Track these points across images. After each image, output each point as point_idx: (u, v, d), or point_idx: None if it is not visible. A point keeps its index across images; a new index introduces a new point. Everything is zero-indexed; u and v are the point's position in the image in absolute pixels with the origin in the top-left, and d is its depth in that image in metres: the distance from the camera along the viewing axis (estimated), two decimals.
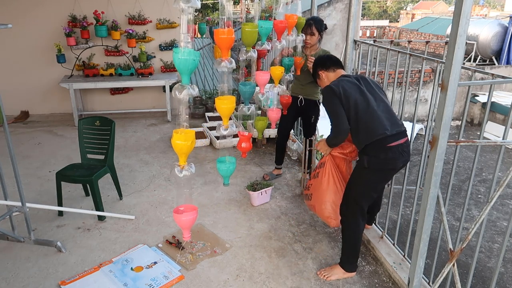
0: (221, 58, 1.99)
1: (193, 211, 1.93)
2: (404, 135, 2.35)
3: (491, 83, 1.89)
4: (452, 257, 1.86)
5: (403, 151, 2.33)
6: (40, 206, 3.22)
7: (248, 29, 2.20)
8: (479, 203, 4.85)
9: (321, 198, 2.72)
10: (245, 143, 2.60)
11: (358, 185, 2.48)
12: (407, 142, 2.37)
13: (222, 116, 2.07)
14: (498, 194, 1.71)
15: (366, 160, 2.35)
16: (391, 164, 2.34)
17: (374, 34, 19.05)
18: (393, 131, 2.30)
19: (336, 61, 2.67)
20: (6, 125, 2.62)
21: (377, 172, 2.40)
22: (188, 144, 1.74)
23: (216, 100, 2.03)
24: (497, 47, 10.70)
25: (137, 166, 4.35)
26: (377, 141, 2.30)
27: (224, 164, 2.27)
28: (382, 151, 2.30)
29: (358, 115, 2.36)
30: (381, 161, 2.32)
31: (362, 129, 2.36)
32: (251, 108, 2.42)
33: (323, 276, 2.61)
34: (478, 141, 1.75)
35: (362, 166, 2.41)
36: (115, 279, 2.58)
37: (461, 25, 1.43)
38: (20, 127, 5.62)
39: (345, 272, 2.60)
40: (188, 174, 1.80)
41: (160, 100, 6.27)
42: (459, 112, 8.83)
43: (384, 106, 2.39)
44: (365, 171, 2.41)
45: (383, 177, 2.45)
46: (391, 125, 2.32)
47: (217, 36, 1.97)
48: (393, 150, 2.29)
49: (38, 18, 5.61)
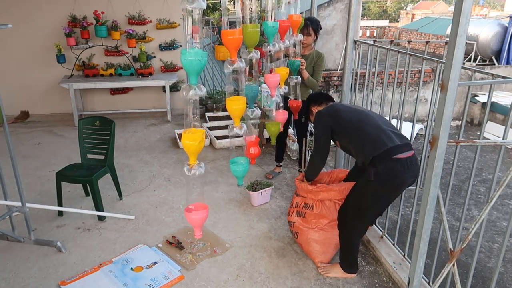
0: (230, 59, 1.98)
1: (204, 210, 1.94)
2: (410, 148, 2.26)
3: (491, 83, 1.89)
4: (452, 257, 1.86)
5: (412, 164, 2.21)
6: (40, 206, 3.22)
7: (250, 30, 2.19)
8: (479, 203, 4.85)
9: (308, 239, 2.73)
10: (254, 149, 2.45)
11: (366, 199, 2.36)
12: (415, 156, 2.26)
13: (233, 117, 2.05)
14: (498, 194, 1.71)
15: (373, 172, 2.22)
16: (399, 177, 2.21)
17: (374, 34, 19.05)
18: (400, 142, 2.23)
19: (327, 97, 2.76)
20: (6, 125, 2.62)
21: (385, 185, 2.26)
22: (196, 144, 1.75)
23: (226, 101, 2.03)
24: (497, 47, 10.69)
25: (137, 166, 4.35)
26: (385, 152, 2.20)
27: (237, 165, 2.24)
28: (390, 161, 2.19)
29: (361, 129, 2.31)
30: (389, 172, 2.20)
31: (368, 142, 2.27)
32: (255, 112, 2.38)
33: (322, 271, 2.63)
34: (478, 141, 1.75)
35: (368, 179, 2.26)
36: (115, 279, 2.58)
37: (461, 25, 1.43)
38: (20, 127, 5.62)
39: (344, 273, 2.60)
40: (196, 173, 1.80)
41: (160, 100, 6.27)
42: (459, 112, 8.83)
43: (385, 121, 2.40)
44: (371, 184, 2.27)
45: (391, 190, 2.32)
46: (397, 137, 2.26)
47: (225, 37, 1.96)
48: (402, 162, 2.18)
49: (38, 18, 5.61)
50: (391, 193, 2.35)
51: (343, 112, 2.43)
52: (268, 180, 3.94)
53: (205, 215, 1.94)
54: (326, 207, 2.68)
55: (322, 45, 8.57)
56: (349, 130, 2.39)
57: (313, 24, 3.41)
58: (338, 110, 2.45)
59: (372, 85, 3.03)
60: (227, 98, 2.05)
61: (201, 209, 1.94)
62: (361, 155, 2.34)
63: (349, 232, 2.50)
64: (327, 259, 2.72)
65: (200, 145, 1.76)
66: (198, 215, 1.91)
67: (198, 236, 1.97)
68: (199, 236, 1.96)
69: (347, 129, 2.40)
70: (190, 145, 1.76)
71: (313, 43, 3.54)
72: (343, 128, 2.42)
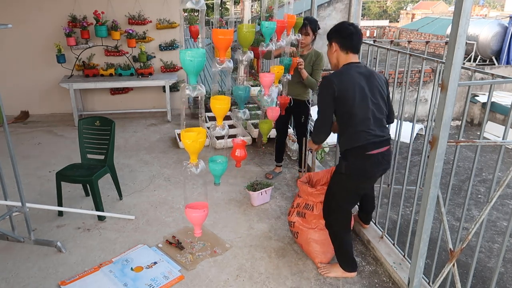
0: (219, 59, 1.98)
1: (204, 208, 1.94)
2: (387, 143, 2.31)
3: (491, 83, 1.89)
4: (452, 257, 1.86)
5: (383, 159, 2.30)
6: (40, 206, 3.22)
7: (245, 30, 2.19)
8: (479, 203, 4.85)
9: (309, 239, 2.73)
10: (240, 151, 2.47)
11: (339, 190, 2.48)
12: (388, 151, 2.33)
13: (216, 116, 2.05)
14: (498, 194, 1.71)
15: (345, 165, 2.34)
16: (368, 173, 2.33)
17: (374, 34, 19.04)
18: (376, 139, 2.25)
19: (355, 44, 2.38)
20: (6, 125, 2.62)
21: (355, 178, 2.37)
22: (189, 142, 1.76)
23: (211, 99, 1.99)
24: (497, 47, 10.70)
25: (137, 166, 4.35)
26: (359, 147, 2.26)
27: (216, 164, 2.20)
28: (361, 158, 2.27)
29: (348, 118, 2.28)
30: (358, 169, 2.31)
31: (348, 133, 2.31)
32: (247, 113, 2.37)
33: (322, 271, 2.63)
34: (478, 141, 1.75)
35: (340, 171, 2.40)
36: (115, 279, 2.58)
37: (461, 25, 1.43)
38: (20, 127, 5.62)
39: (344, 272, 2.61)
40: (196, 172, 1.81)
41: (160, 100, 6.27)
42: (459, 112, 8.83)
43: (377, 111, 2.29)
44: (343, 177, 2.39)
45: (361, 183, 2.44)
46: (379, 130, 2.27)
47: (215, 36, 1.96)
48: (373, 159, 2.26)
49: (38, 18, 5.61)
50: (361, 185, 2.46)
51: (345, 90, 2.27)
52: (268, 180, 3.95)
53: (205, 213, 1.95)
54: None
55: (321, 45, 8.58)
56: (342, 108, 2.31)
57: (312, 24, 3.41)
58: (342, 87, 2.27)
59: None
60: (212, 97, 2.02)
61: (202, 207, 1.95)
62: (339, 139, 2.46)
63: (333, 227, 2.55)
64: (327, 259, 2.72)
65: (197, 144, 1.78)
66: (198, 213, 1.92)
67: (198, 234, 1.97)
68: (199, 234, 1.97)
69: (340, 107, 2.31)
70: (188, 145, 1.77)
71: (311, 43, 3.54)
72: (338, 105, 2.32)
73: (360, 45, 2.44)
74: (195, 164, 1.83)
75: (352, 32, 2.35)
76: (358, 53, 2.44)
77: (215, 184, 2.28)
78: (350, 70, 2.33)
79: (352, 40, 2.36)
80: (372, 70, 2.41)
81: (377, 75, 2.38)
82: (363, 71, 2.34)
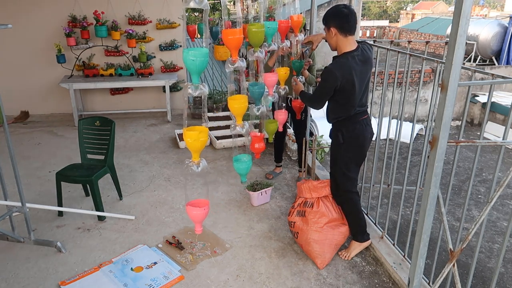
0: (231, 59, 2.00)
1: (205, 206, 1.95)
2: (366, 112, 2.65)
3: (491, 83, 1.89)
4: (452, 257, 1.86)
5: (367, 124, 2.63)
6: (40, 206, 3.22)
7: (254, 30, 2.20)
8: (479, 203, 4.85)
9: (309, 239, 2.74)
10: (258, 144, 2.65)
11: (342, 159, 2.68)
12: (368, 117, 2.67)
13: (235, 115, 2.10)
14: (498, 194, 1.70)
15: (341, 135, 2.61)
16: (361, 136, 2.62)
17: (374, 34, 19.03)
18: (361, 109, 2.59)
19: (352, 25, 2.43)
20: (6, 125, 2.62)
21: (353, 146, 2.63)
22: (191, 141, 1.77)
23: (228, 99, 2.05)
24: (497, 47, 10.69)
25: (137, 166, 4.35)
26: (350, 116, 2.57)
27: (240, 163, 2.34)
28: (351, 124, 2.58)
29: (345, 102, 2.52)
30: (351, 134, 2.59)
31: (342, 106, 2.56)
32: (261, 109, 2.41)
33: (344, 257, 2.79)
34: (478, 141, 1.74)
35: (338, 143, 2.64)
36: (115, 279, 2.58)
37: (461, 25, 1.43)
38: (20, 127, 5.62)
39: (360, 244, 2.80)
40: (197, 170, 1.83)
41: (160, 100, 6.27)
42: (459, 112, 8.83)
43: (364, 92, 2.56)
44: (343, 147, 2.63)
45: (360, 147, 2.67)
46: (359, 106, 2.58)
47: (225, 37, 1.97)
48: (360, 123, 2.59)
49: (38, 18, 5.61)
50: (361, 149, 2.69)
51: (347, 81, 2.41)
52: (268, 180, 3.95)
53: (206, 211, 1.95)
54: (325, 205, 2.79)
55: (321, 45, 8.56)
56: (340, 94, 2.48)
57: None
58: (346, 79, 2.40)
59: (372, 85, 3.03)
60: (229, 97, 2.06)
61: (202, 204, 1.95)
62: (330, 112, 2.67)
63: (345, 193, 2.73)
64: (327, 260, 2.72)
65: (197, 142, 1.79)
66: (199, 210, 1.93)
67: (199, 232, 1.98)
68: (199, 231, 1.98)
69: (340, 99, 2.52)
70: (189, 144, 1.77)
71: None
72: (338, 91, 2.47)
73: (356, 24, 2.52)
74: (197, 163, 1.84)
75: (347, 13, 2.43)
76: (355, 34, 2.54)
77: (242, 182, 2.44)
78: (350, 62, 2.43)
79: (349, 21, 2.43)
80: (368, 56, 2.51)
81: (370, 61, 2.56)
82: (361, 58, 2.46)
